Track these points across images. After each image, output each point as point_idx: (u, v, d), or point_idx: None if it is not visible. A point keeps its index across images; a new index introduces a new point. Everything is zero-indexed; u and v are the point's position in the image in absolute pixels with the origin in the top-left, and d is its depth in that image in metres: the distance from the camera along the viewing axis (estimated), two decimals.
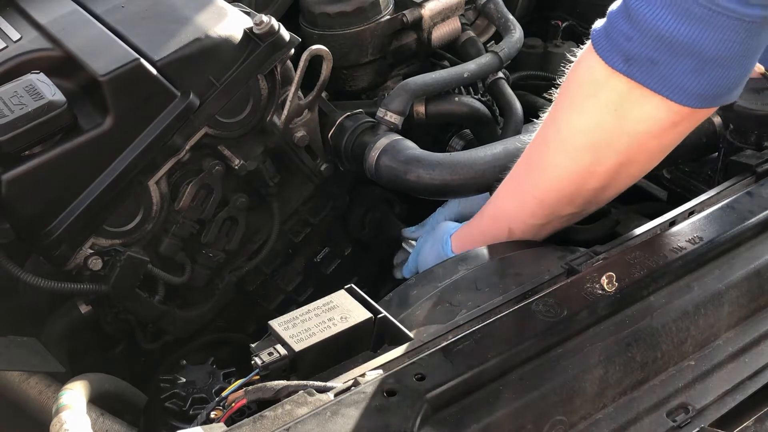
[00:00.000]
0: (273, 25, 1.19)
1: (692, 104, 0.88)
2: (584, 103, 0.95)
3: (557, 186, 1.02)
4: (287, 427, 0.70)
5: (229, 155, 1.23)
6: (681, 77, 0.86)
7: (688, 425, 0.80)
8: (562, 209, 1.04)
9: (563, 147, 0.99)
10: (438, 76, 1.39)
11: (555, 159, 1.00)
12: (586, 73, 0.94)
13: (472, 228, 1.18)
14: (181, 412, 1.11)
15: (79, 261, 1.16)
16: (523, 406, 0.76)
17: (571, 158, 0.99)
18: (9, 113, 1.05)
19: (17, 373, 1.11)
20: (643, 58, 0.86)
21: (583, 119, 0.96)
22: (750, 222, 0.96)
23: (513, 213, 1.08)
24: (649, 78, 0.87)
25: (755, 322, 0.92)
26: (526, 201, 1.06)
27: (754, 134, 1.13)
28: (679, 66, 0.85)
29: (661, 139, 0.95)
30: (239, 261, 1.36)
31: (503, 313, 0.83)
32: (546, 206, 1.04)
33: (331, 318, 0.82)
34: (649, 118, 0.91)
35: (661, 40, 0.84)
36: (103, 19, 1.22)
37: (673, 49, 0.84)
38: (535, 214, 1.06)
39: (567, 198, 1.02)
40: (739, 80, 0.89)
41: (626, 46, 0.87)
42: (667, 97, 0.88)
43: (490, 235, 1.11)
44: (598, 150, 0.96)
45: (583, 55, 0.95)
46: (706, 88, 0.87)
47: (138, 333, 1.32)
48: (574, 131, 0.97)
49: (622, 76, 0.89)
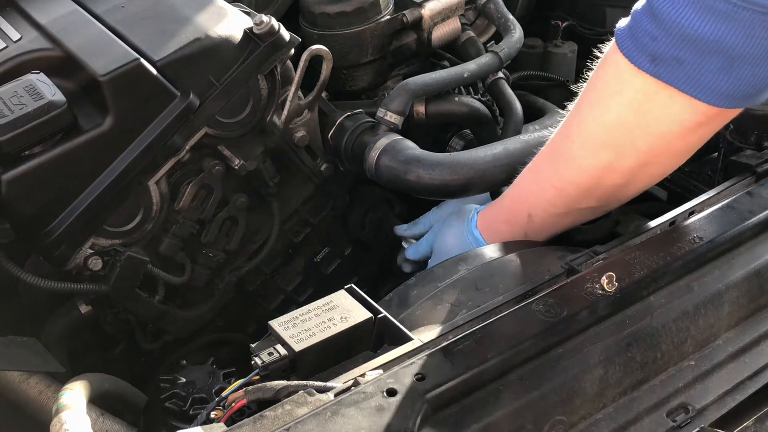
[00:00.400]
0: (273, 25, 1.19)
1: (721, 104, 0.87)
2: (609, 101, 0.94)
3: (577, 178, 1.02)
4: (287, 427, 0.70)
5: (229, 155, 1.23)
6: (709, 76, 0.85)
7: (688, 425, 0.80)
8: (581, 201, 1.04)
9: (585, 141, 0.99)
10: (438, 76, 1.39)
11: (576, 152, 1.00)
12: (612, 70, 0.93)
13: (495, 208, 1.18)
14: (181, 412, 1.11)
15: (79, 261, 1.16)
16: (523, 406, 0.76)
17: (592, 153, 0.99)
18: (9, 113, 1.05)
19: (17, 373, 1.11)
20: (669, 57, 0.85)
21: (607, 116, 0.95)
22: (750, 222, 0.96)
23: (533, 199, 1.08)
24: (675, 77, 0.86)
25: (755, 322, 0.92)
26: (546, 189, 1.06)
27: (754, 134, 1.13)
28: (707, 65, 0.84)
29: (685, 140, 0.94)
30: (239, 261, 1.36)
31: (503, 313, 0.83)
32: (565, 196, 1.04)
33: (331, 318, 0.82)
34: (675, 118, 0.90)
35: (686, 38, 0.83)
36: (103, 19, 1.22)
37: (699, 48, 0.83)
38: (555, 204, 1.06)
39: (586, 191, 1.02)
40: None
41: (651, 46, 0.86)
42: (695, 96, 0.86)
43: (510, 218, 1.11)
44: (620, 147, 0.96)
45: (608, 53, 0.94)
46: (735, 87, 0.85)
47: (138, 333, 1.32)
48: (596, 127, 0.97)
49: (648, 75, 0.88)
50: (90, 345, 1.30)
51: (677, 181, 1.26)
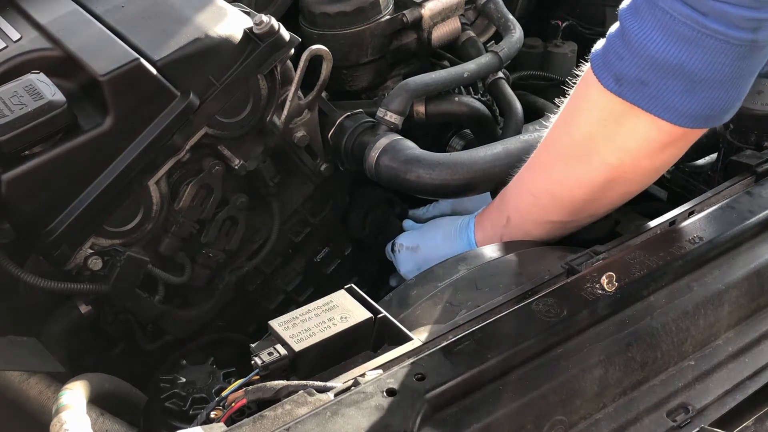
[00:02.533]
0: (273, 25, 1.19)
1: (683, 124, 0.90)
2: (578, 117, 0.99)
3: (550, 187, 1.06)
4: (287, 427, 0.70)
5: (229, 155, 1.23)
6: (671, 97, 0.88)
7: (688, 425, 0.80)
8: (553, 213, 1.08)
9: (558, 153, 1.04)
10: (438, 76, 1.39)
11: (551, 163, 1.05)
12: (582, 90, 0.98)
13: (486, 211, 1.22)
14: (181, 412, 1.11)
15: (79, 261, 1.16)
16: (523, 406, 0.76)
17: (564, 164, 1.03)
18: (9, 113, 1.05)
19: (17, 373, 1.11)
20: (633, 78, 0.88)
21: (577, 132, 1.00)
22: (750, 222, 0.96)
23: (513, 203, 1.13)
24: (639, 98, 0.89)
25: (755, 322, 0.92)
26: (524, 195, 1.11)
27: (754, 134, 1.13)
28: (669, 86, 0.87)
29: (653, 159, 0.97)
30: (239, 261, 1.36)
31: (503, 313, 0.83)
32: (539, 205, 1.08)
33: (331, 318, 0.82)
34: (641, 136, 0.93)
35: (651, 60, 0.86)
36: (103, 19, 1.22)
37: (663, 70, 0.86)
38: (530, 211, 1.10)
39: (558, 202, 1.06)
40: (732, 102, 0.90)
41: (617, 66, 0.89)
42: (658, 116, 0.89)
43: (495, 216, 1.16)
44: (589, 161, 1.00)
45: (584, 73, 0.98)
46: (696, 109, 0.88)
47: (138, 333, 1.32)
48: (568, 141, 1.01)
49: (614, 95, 0.91)
50: (90, 345, 1.30)
51: (677, 181, 1.26)
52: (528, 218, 1.11)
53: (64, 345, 1.23)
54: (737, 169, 1.10)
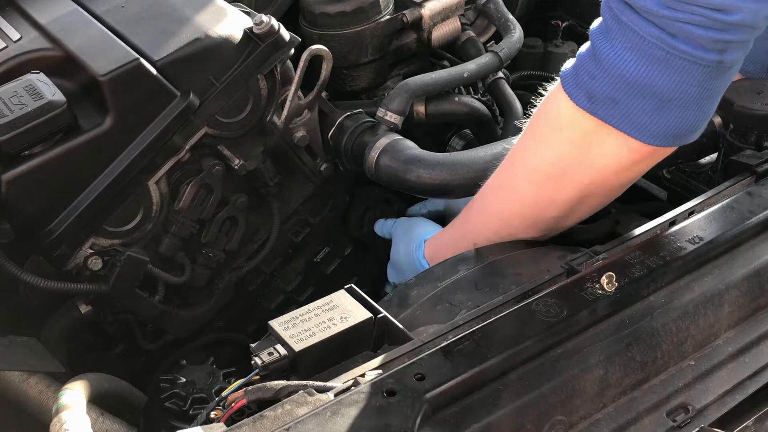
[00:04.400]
0: (273, 25, 1.19)
1: (652, 142, 0.91)
2: (550, 137, 0.99)
3: (520, 211, 1.06)
4: (287, 427, 0.70)
5: (229, 155, 1.23)
6: (641, 116, 0.89)
7: (688, 425, 0.80)
8: (523, 232, 1.08)
9: (528, 176, 1.03)
10: (438, 76, 1.39)
11: (520, 185, 1.05)
12: (553, 108, 0.98)
13: (444, 237, 1.22)
14: (181, 412, 1.11)
15: (79, 261, 1.16)
16: (523, 406, 0.75)
17: (535, 186, 1.03)
18: (9, 113, 1.05)
19: (17, 373, 1.11)
20: (605, 96, 0.89)
21: (548, 151, 1.00)
22: (750, 222, 0.96)
23: (479, 229, 1.12)
24: (610, 116, 0.90)
25: (755, 322, 0.92)
26: (491, 220, 1.11)
27: (754, 134, 1.13)
28: (639, 105, 0.88)
29: (621, 175, 0.98)
30: (239, 261, 1.36)
31: (503, 313, 0.83)
32: (509, 227, 1.09)
33: (331, 318, 0.82)
34: (611, 154, 0.94)
35: (622, 79, 0.87)
36: (103, 19, 1.22)
37: (633, 89, 0.87)
38: (499, 234, 1.10)
39: (529, 222, 1.07)
40: (699, 121, 0.91)
41: (590, 85, 0.90)
42: (629, 134, 0.91)
43: (457, 245, 1.14)
44: (561, 181, 1.00)
45: (552, 91, 0.98)
46: (665, 128, 0.89)
47: (138, 333, 1.32)
48: (539, 161, 1.01)
49: (586, 113, 0.92)
50: (90, 345, 1.30)
51: (677, 181, 1.26)
52: (497, 241, 1.11)
53: (64, 345, 1.23)
54: (737, 169, 1.10)
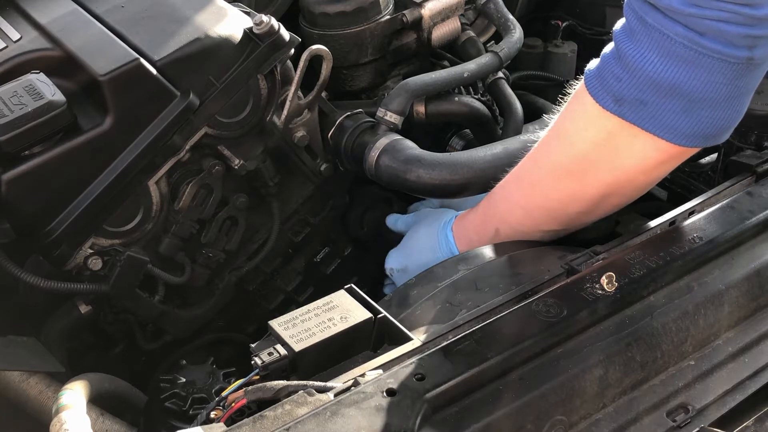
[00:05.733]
0: (273, 25, 1.19)
1: (682, 143, 0.90)
2: (575, 137, 0.98)
3: (543, 204, 1.06)
4: (287, 427, 0.70)
5: (229, 155, 1.23)
6: (670, 117, 0.88)
7: (688, 425, 0.80)
8: (545, 224, 1.08)
9: (552, 171, 1.03)
10: (438, 76, 1.39)
11: (544, 180, 1.05)
12: (579, 108, 0.97)
13: (469, 217, 1.21)
14: (181, 412, 1.11)
15: (79, 261, 1.16)
16: (523, 406, 0.76)
17: (558, 182, 1.03)
18: (9, 113, 1.05)
19: (17, 373, 1.11)
20: (632, 98, 0.88)
21: (573, 150, 0.99)
22: (750, 222, 0.96)
23: (502, 216, 1.12)
24: (639, 118, 0.89)
25: (755, 322, 0.92)
26: (514, 210, 1.11)
27: (754, 134, 1.13)
28: (668, 106, 0.87)
29: (648, 175, 0.98)
30: (239, 261, 1.36)
31: (503, 313, 0.83)
32: (531, 218, 1.09)
33: (331, 318, 0.82)
34: (638, 154, 0.94)
35: (649, 81, 0.86)
36: (103, 19, 1.22)
37: (661, 90, 0.86)
38: (521, 223, 1.10)
39: (551, 215, 1.07)
40: (731, 121, 0.90)
41: (616, 87, 0.89)
42: (658, 135, 0.90)
43: (480, 228, 1.15)
44: (585, 179, 1.00)
45: (577, 91, 0.98)
46: (696, 128, 0.88)
47: (138, 333, 1.32)
48: (563, 158, 1.01)
49: (612, 115, 0.91)
50: (90, 345, 1.30)
51: (677, 181, 1.26)
52: (519, 229, 1.11)
53: (64, 345, 1.23)
54: (737, 169, 1.10)
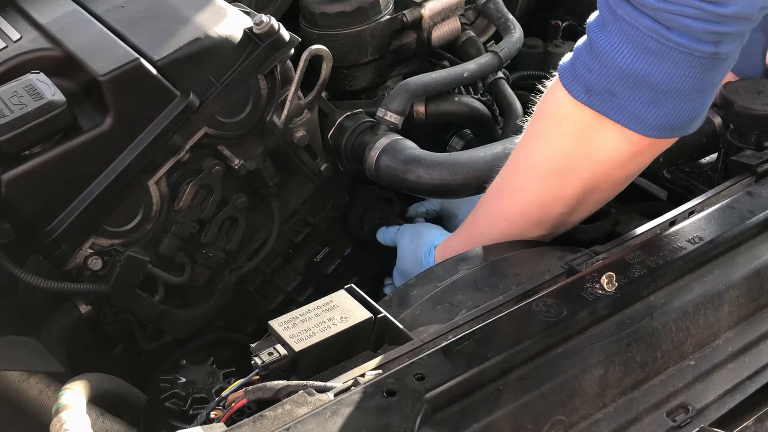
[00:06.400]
0: (273, 24, 1.19)
1: (650, 134, 0.91)
2: (550, 132, 0.99)
3: (526, 210, 1.06)
4: (287, 427, 0.70)
5: (229, 155, 1.23)
6: (638, 108, 0.89)
7: (688, 425, 0.80)
8: (530, 231, 1.08)
9: (531, 173, 1.04)
10: (438, 76, 1.39)
11: (524, 184, 1.05)
12: (552, 103, 0.98)
13: (453, 242, 1.21)
14: (181, 412, 1.11)
15: (79, 261, 1.16)
16: (523, 406, 0.75)
17: (539, 183, 1.03)
18: (9, 113, 1.05)
19: (17, 373, 1.11)
20: (602, 89, 0.90)
21: (549, 147, 1.00)
22: (750, 222, 0.96)
23: (486, 232, 1.12)
24: (608, 108, 0.91)
25: (755, 322, 0.92)
26: (497, 222, 1.10)
27: (754, 134, 1.13)
28: (636, 97, 0.88)
29: (623, 168, 0.99)
30: (239, 261, 1.36)
31: (503, 313, 0.83)
32: (515, 227, 1.09)
33: (331, 318, 0.82)
34: (612, 146, 0.95)
35: (618, 72, 0.88)
36: (103, 19, 1.22)
37: (630, 81, 0.88)
38: (505, 235, 1.10)
39: (535, 221, 1.07)
40: (696, 113, 0.91)
41: (587, 78, 0.90)
42: (626, 126, 0.91)
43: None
44: (564, 176, 1.00)
45: (551, 87, 0.98)
46: (662, 120, 0.90)
47: (138, 333, 1.32)
48: (541, 158, 1.01)
49: (584, 106, 0.92)
50: (90, 345, 1.30)
51: (677, 181, 1.26)
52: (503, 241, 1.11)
53: (64, 345, 1.23)
54: (737, 169, 1.10)
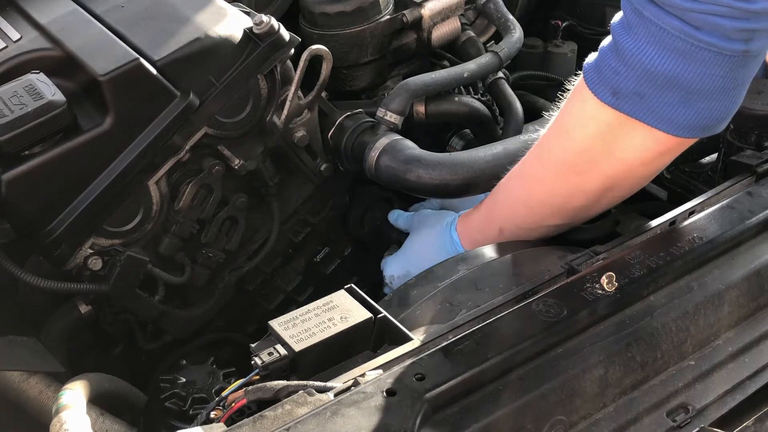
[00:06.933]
0: (273, 24, 1.19)
1: (680, 134, 0.91)
2: (575, 131, 0.99)
3: (546, 199, 1.07)
4: (287, 427, 0.70)
5: (228, 155, 1.23)
6: (668, 109, 0.89)
7: (688, 425, 0.80)
8: (548, 219, 1.09)
9: (554, 166, 1.04)
10: (438, 76, 1.39)
11: (546, 175, 1.05)
12: (578, 103, 0.98)
13: (473, 217, 1.21)
14: (181, 412, 1.11)
15: (79, 261, 1.16)
16: (523, 406, 0.76)
17: (560, 176, 1.03)
18: (9, 113, 1.05)
19: (17, 373, 1.11)
20: (630, 91, 0.89)
21: (574, 145, 1.00)
22: (750, 222, 0.96)
23: (505, 214, 1.13)
24: (637, 110, 0.90)
25: (755, 322, 0.92)
26: (517, 207, 1.11)
27: (754, 134, 1.13)
28: (665, 98, 0.88)
29: (648, 167, 0.99)
30: (239, 261, 1.36)
31: (503, 313, 0.83)
32: (535, 214, 1.09)
33: (331, 318, 0.82)
34: (638, 146, 0.95)
35: (646, 73, 0.87)
36: (103, 19, 1.22)
37: (659, 83, 0.87)
38: (525, 220, 1.11)
39: (554, 211, 1.07)
40: (728, 111, 0.91)
41: (614, 80, 0.90)
42: (655, 127, 0.91)
43: (484, 228, 1.16)
44: (587, 172, 1.00)
45: (577, 86, 0.98)
46: (693, 120, 0.89)
47: (138, 333, 1.32)
48: (564, 154, 1.02)
49: (610, 108, 0.92)
50: (90, 345, 1.30)
51: (677, 181, 1.26)
52: (523, 227, 1.12)
53: (64, 345, 1.23)
54: (737, 169, 1.10)
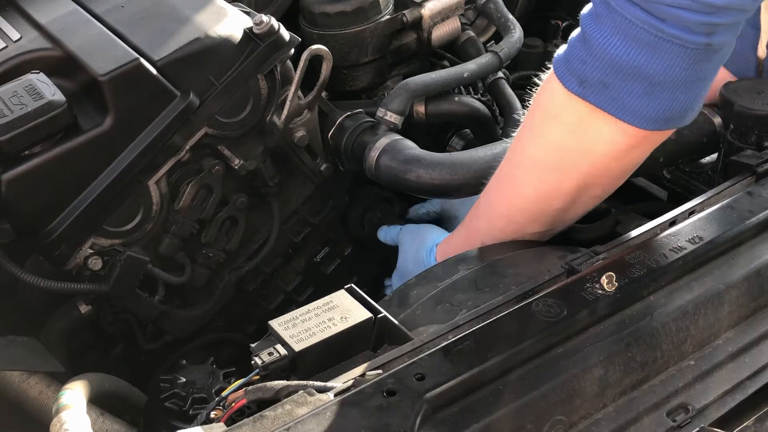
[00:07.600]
0: (273, 24, 1.19)
1: (645, 126, 0.91)
2: (546, 125, 0.99)
3: (524, 205, 1.06)
4: (287, 427, 0.70)
5: (229, 155, 1.23)
6: (632, 100, 0.89)
7: (688, 425, 0.80)
8: (528, 227, 1.08)
9: (529, 167, 1.03)
10: (438, 76, 1.39)
11: (522, 178, 1.05)
12: (547, 96, 0.98)
13: (453, 240, 1.21)
14: (181, 412, 1.11)
15: (79, 261, 1.16)
16: (523, 406, 0.75)
17: (536, 178, 1.03)
18: (9, 113, 1.05)
19: (17, 373, 1.11)
20: (595, 81, 0.90)
21: (546, 140, 1.00)
22: (750, 222, 0.96)
23: (485, 229, 1.12)
24: (602, 100, 0.91)
25: (755, 322, 0.92)
26: (496, 218, 1.10)
27: (754, 134, 1.13)
28: (629, 89, 0.89)
29: (621, 161, 0.99)
30: (239, 261, 1.36)
31: (503, 313, 0.83)
32: (514, 224, 1.08)
33: (331, 318, 0.82)
34: (607, 139, 0.95)
35: (612, 64, 0.88)
36: (103, 18, 1.22)
37: (623, 73, 0.88)
38: (505, 231, 1.09)
39: (533, 216, 1.06)
40: (690, 104, 0.91)
41: (581, 69, 0.91)
42: (621, 118, 0.91)
43: (467, 248, 1.13)
44: (562, 170, 1.00)
45: (546, 79, 0.98)
46: (656, 112, 0.90)
47: (138, 333, 1.32)
48: (538, 152, 1.01)
49: (579, 99, 0.92)
50: (90, 345, 1.30)
51: (677, 181, 1.26)
52: (503, 238, 1.10)
53: (64, 345, 1.23)
54: (737, 169, 1.10)
